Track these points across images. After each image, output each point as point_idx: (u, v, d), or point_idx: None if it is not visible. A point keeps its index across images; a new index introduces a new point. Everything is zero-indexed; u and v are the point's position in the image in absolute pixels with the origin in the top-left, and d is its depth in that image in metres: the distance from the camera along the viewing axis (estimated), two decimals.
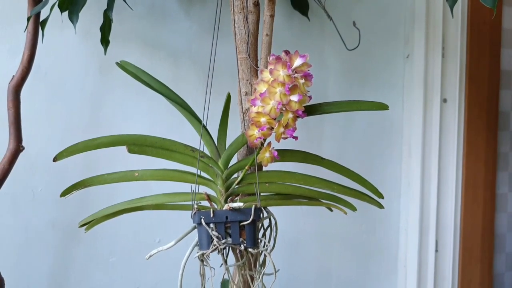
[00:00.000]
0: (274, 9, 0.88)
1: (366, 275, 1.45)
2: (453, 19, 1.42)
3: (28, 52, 0.98)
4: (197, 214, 0.80)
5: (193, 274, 0.88)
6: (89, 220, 0.90)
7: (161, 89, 0.90)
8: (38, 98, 1.16)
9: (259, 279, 0.85)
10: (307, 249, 1.39)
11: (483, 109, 1.48)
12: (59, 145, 0.89)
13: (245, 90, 0.90)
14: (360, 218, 1.41)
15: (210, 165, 0.87)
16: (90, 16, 1.12)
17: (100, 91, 1.20)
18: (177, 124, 1.09)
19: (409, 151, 1.44)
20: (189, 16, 1.25)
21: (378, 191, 0.93)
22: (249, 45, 0.89)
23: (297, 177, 0.90)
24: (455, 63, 1.43)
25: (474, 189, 1.48)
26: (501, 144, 1.55)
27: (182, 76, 1.24)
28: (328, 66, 1.37)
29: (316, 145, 1.37)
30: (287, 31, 1.31)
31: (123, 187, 0.98)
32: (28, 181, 1.17)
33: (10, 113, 0.98)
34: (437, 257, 1.45)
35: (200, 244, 0.81)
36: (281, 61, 0.77)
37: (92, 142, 0.86)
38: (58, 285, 1.20)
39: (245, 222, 0.80)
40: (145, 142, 0.86)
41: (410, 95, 1.43)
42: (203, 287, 0.85)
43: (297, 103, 0.78)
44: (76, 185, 0.88)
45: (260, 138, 0.81)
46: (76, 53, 1.17)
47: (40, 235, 1.18)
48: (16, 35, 1.11)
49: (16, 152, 0.98)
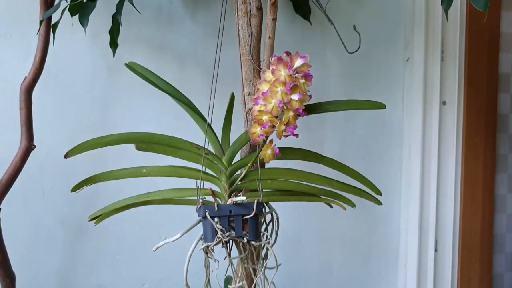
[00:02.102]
0: (276, 13, 0.91)
1: (367, 274, 1.46)
2: (452, 23, 1.43)
3: (40, 54, 1.01)
4: (202, 208, 0.83)
5: (197, 272, 0.91)
6: (98, 214, 0.93)
7: (168, 89, 0.93)
8: (48, 99, 1.19)
9: (261, 271, 0.87)
10: (308, 248, 1.40)
11: (482, 111, 1.49)
12: (68, 144, 0.92)
13: (248, 90, 0.93)
14: (361, 218, 1.43)
15: (214, 162, 0.90)
16: (99, 20, 1.15)
17: (109, 92, 1.23)
18: (182, 124, 1.12)
19: (409, 153, 1.45)
20: (194, 21, 1.27)
21: (376, 188, 0.96)
22: (252, 47, 0.92)
23: (298, 174, 0.93)
24: (454, 66, 1.43)
25: (473, 190, 1.48)
26: (499, 146, 1.56)
27: (187, 78, 1.26)
28: (329, 69, 1.38)
29: (318, 147, 1.36)
30: (289, 35, 1.33)
31: (130, 186, 1.00)
32: (38, 180, 1.20)
33: (22, 112, 1.00)
34: (436, 256, 1.45)
35: (205, 236, 0.84)
36: (283, 61, 0.80)
37: (102, 140, 0.89)
38: (66, 281, 1.23)
39: (248, 216, 0.83)
40: (152, 139, 0.89)
41: (410, 98, 1.44)
42: (207, 279, 0.87)
43: (298, 102, 0.81)
44: (86, 180, 0.91)
45: (262, 136, 0.84)
46: (85, 55, 1.21)
47: (49, 232, 1.21)
48: (28, 38, 1.15)
49: (27, 150, 1.00)
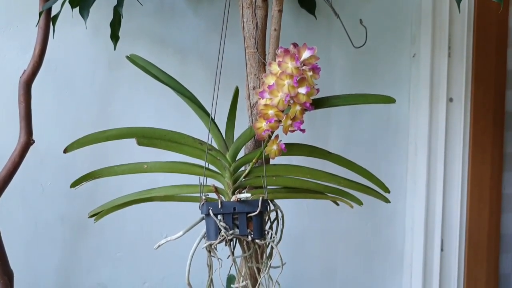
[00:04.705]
0: (282, 4, 0.89)
1: (371, 274, 1.44)
2: (460, 19, 1.41)
3: (39, 47, 0.99)
4: (205, 205, 0.81)
5: (200, 270, 0.89)
6: (98, 211, 0.91)
7: (170, 82, 0.91)
8: (48, 93, 1.17)
9: (266, 271, 0.85)
10: (312, 247, 1.39)
11: (489, 108, 1.47)
12: (68, 139, 0.90)
13: (252, 84, 0.91)
14: (366, 216, 1.41)
15: (218, 158, 0.87)
16: (100, 12, 1.12)
17: (109, 86, 1.21)
18: (185, 119, 1.10)
19: (415, 150, 1.43)
20: (197, 14, 1.25)
21: (384, 186, 0.94)
22: (258, 39, 0.90)
23: (304, 171, 0.91)
24: (461, 62, 1.42)
25: (480, 188, 1.47)
26: (507, 144, 1.54)
27: (190, 72, 1.24)
28: (335, 64, 1.37)
29: (323, 144, 1.34)
30: (294, 30, 1.31)
31: (131, 183, 0.99)
32: (37, 176, 1.18)
33: (21, 107, 0.98)
34: (442, 256, 1.44)
35: (208, 235, 0.82)
36: (290, 53, 0.78)
37: (102, 134, 0.87)
38: (65, 279, 1.21)
39: (252, 214, 0.80)
40: (154, 134, 0.87)
41: (416, 94, 1.42)
42: (210, 278, 0.85)
43: (305, 96, 0.78)
44: (86, 176, 0.89)
45: (267, 131, 0.81)
46: (86, 48, 1.19)
47: (49, 229, 1.19)
48: (28, 31, 1.12)
49: (26, 146, 0.98)
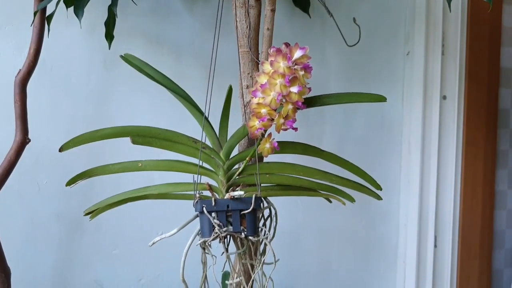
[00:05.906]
0: (275, 4, 0.90)
1: (366, 270, 1.45)
2: (453, 17, 1.42)
3: (35, 46, 0.99)
4: (199, 203, 0.82)
5: (195, 266, 0.89)
6: (93, 209, 0.92)
7: (164, 82, 0.92)
8: (43, 92, 1.17)
9: (259, 267, 0.86)
10: (306, 244, 1.39)
11: (482, 106, 1.48)
12: (64, 138, 0.90)
13: (246, 83, 0.92)
14: (360, 213, 1.42)
15: (212, 156, 0.88)
16: (95, 12, 1.13)
17: (105, 85, 1.21)
18: (179, 118, 1.10)
19: (408, 148, 1.44)
20: (192, 13, 1.26)
21: (376, 183, 0.95)
22: (251, 39, 0.90)
23: (297, 169, 0.91)
24: (455, 60, 1.42)
25: (473, 185, 1.48)
26: (500, 141, 1.55)
27: (184, 71, 1.25)
28: (329, 63, 1.37)
29: (317, 142, 1.35)
30: (288, 29, 1.32)
31: (126, 181, 0.99)
32: (33, 174, 1.18)
33: (17, 106, 0.99)
34: (436, 252, 1.45)
35: (202, 232, 0.82)
36: (282, 53, 0.78)
37: (97, 133, 0.88)
38: (62, 276, 1.22)
39: (246, 211, 0.81)
40: (149, 133, 0.88)
41: (410, 92, 1.43)
42: (204, 274, 0.86)
43: (297, 94, 0.79)
44: (81, 174, 0.90)
45: (260, 129, 0.82)
46: (81, 48, 1.19)
47: (45, 227, 1.20)
48: (23, 30, 1.13)
49: (22, 144, 0.99)
